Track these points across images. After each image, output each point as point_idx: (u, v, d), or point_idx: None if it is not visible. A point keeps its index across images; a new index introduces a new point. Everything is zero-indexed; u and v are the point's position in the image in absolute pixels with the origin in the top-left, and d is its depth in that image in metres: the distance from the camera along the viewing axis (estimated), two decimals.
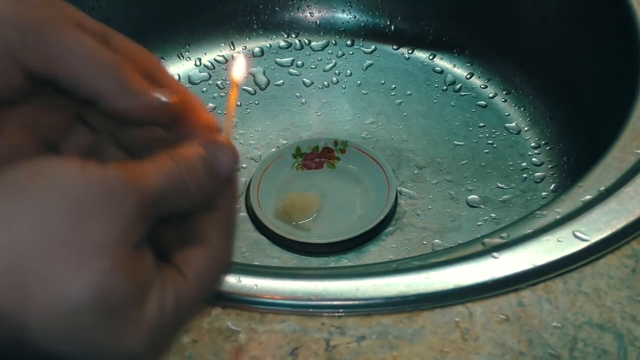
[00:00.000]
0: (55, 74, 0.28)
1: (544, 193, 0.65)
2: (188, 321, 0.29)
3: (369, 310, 0.39)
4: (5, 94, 0.29)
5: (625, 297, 0.40)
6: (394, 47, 0.79)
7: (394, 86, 0.76)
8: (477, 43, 0.76)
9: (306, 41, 0.80)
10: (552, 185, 0.66)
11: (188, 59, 0.77)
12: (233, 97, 0.33)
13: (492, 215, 0.64)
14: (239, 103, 0.74)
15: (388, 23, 0.80)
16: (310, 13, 0.80)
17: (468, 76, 0.76)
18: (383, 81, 0.77)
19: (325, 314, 0.39)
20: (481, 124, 0.72)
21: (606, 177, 0.46)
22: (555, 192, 0.65)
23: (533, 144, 0.70)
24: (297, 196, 0.64)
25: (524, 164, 0.68)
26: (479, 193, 0.66)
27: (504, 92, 0.74)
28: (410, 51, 0.79)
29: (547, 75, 0.71)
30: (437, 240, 0.62)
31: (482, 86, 0.75)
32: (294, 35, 0.80)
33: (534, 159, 0.68)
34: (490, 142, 0.70)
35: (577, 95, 0.67)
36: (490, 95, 0.74)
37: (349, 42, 0.80)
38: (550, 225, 0.43)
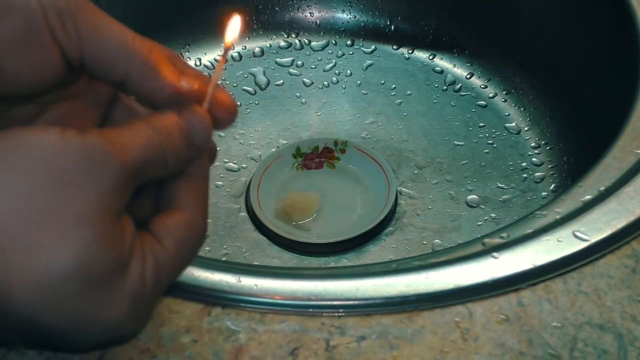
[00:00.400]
0: (88, 56, 0.29)
1: (544, 193, 0.65)
2: (166, 288, 0.30)
3: (369, 310, 0.39)
4: (43, 77, 0.29)
5: (625, 297, 0.40)
6: (394, 47, 0.79)
7: (394, 86, 0.76)
8: (477, 43, 0.76)
9: (306, 41, 0.80)
10: (552, 185, 0.66)
11: (188, 59, 0.77)
12: (222, 61, 0.33)
13: (492, 215, 0.64)
14: (238, 103, 0.74)
15: (388, 23, 0.80)
16: (310, 13, 0.80)
17: (468, 76, 0.76)
18: (383, 81, 0.77)
19: (325, 314, 0.39)
20: (481, 124, 0.72)
21: (606, 177, 0.46)
22: (555, 192, 0.65)
23: (533, 144, 0.70)
24: (297, 196, 0.64)
25: (524, 164, 0.68)
26: (479, 193, 0.66)
27: (504, 92, 0.74)
28: (410, 51, 0.79)
29: (547, 75, 0.71)
30: (437, 240, 0.62)
31: (482, 86, 0.75)
32: (294, 35, 0.80)
33: (534, 159, 0.68)
34: (490, 142, 0.70)
35: (577, 95, 0.67)
36: (490, 95, 0.74)
37: (349, 42, 0.80)
38: (550, 225, 0.43)
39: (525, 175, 0.67)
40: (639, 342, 0.37)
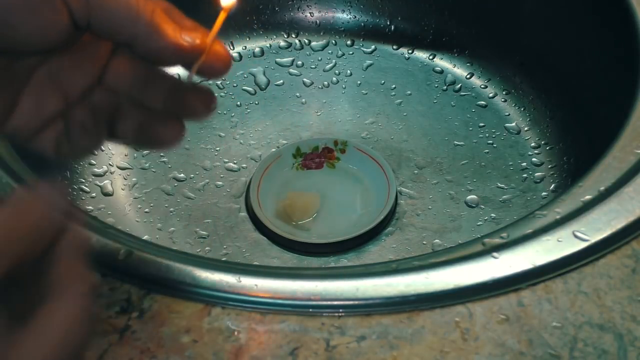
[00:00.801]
0: (95, 19, 0.30)
1: (544, 193, 0.65)
2: None
3: (369, 310, 0.39)
4: (51, 37, 0.30)
5: (625, 297, 0.40)
6: (394, 47, 0.79)
7: (394, 86, 0.76)
8: (477, 43, 0.76)
9: (306, 41, 0.80)
10: (552, 185, 0.66)
11: None
12: (222, 16, 0.35)
13: (492, 215, 0.64)
14: (238, 103, 0.74)
15: (388, 23, 0.80)
16: (310, 13, 0.80)
17: (468, 76, 0.76)
18: (383, 81, 0.77)
19: (325, 314, 0.39)
20: (481, 124, 0.72)
21: (606, 177, 0.46)
22: (555, 192, 0.65)
23: (533, 144, 0.70)
24: (297, 196, 0.64)
25: (524, 164, 0.68)
26: (479, 193, 0.66)
27: (504, 92, 0.74)
28: (410, 51, 0.79)
29: (547, 75, 0.71)
30: (437, 240, 0.62)
31: (482, 86, 0.75)
32: (294, 35, 0.80)
33: (534, 159, 0.68)
34: (490, 142, 0.70)
35: (577, 95, 0.67)
36: (490, 95, 0.74)
37: (349, 42, 0.80)
38: (550, 225, 0.43)
39: (525, 175, 0.67)
40: (639, 342, 0.37)
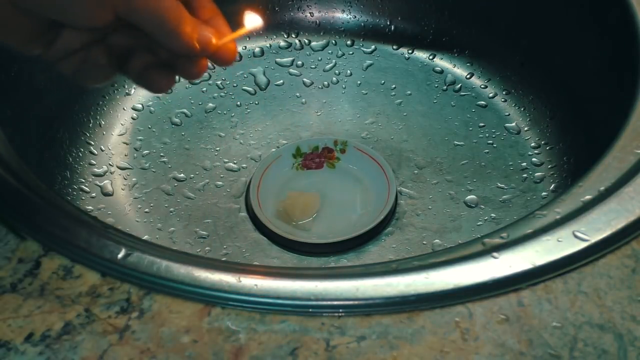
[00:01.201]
0: (132, 20, 0.38)
1: (544, 193, 0.65)
2: None
3: (369, 310, 0.39)
4: (99, 24, 0.38)
5: (625, 297, 0.40)
6: (394, 47, 0.79)
7: (394, 86, 0.76)
8: (477, 43, 0.76)
9: (306, 41, 0.80)
10: (552, 185, 0.66)
11: None
12: (236, 34, 0.44)
13: (492, 215, 0.64)
14: (238, 103, 0.74)
15: (388, 23, 0.80)
16: (310, 13, 0.80)
17: (468, 76, 0.76)
18: (383, 81, 0.77)
19: (325, 314, 0.39)
20: (481, 124, 0.72)
21: (606, 177, 0.46)
22: (555, 192, 0.65)
23: (533, 144, 0.70)
24: (297, 196, 0.64)
25: (524, 164, 0.68)
26: (479, 193, 0.66)
27: (504, 92, 0.74)
28: (410, 51, 0.79)
29: (547, 75, 0.71)
30: (437, 240, 0.62)
31: (482, 86, 0.75)
32: (294, 35, 0.80)
33: (534, 159, 0.68)
34: (490, 142, 0.70)
35: (577, 95, 0.67)
36: (490, 95, 0.74)
37: (349, 42, 0.80)
38: (550, 225, 0.43)
39: (525, 175, 0.67)
40: (639, 342, 0.37)
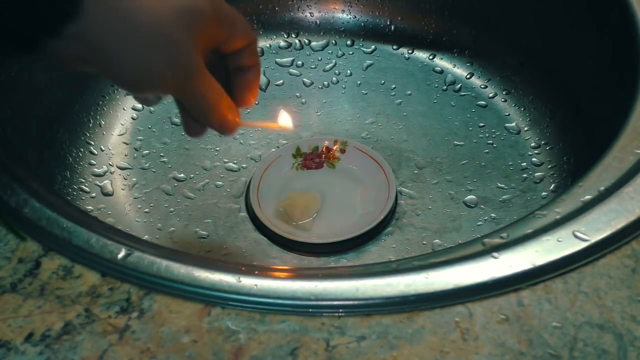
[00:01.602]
0: (178, 97, 0.46)
1: (544, 193, 0.65)
2: None
3: (369, 310, 0.39)
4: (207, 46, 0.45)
5: (625, 297, 0.40)
6: (394, 47, 0.79)
7: (394, 86, 0.76)
8: (477, 43, 0.76)
9: (306, 41, 0.80)
10: (552, 185, 0.66)
11: None
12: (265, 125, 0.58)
13: (492, 215, 0.64)
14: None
15: (388, 23, 0.80)
16: (310, 13, 0.80)
17: (468, 76, 0.76)
18: (383, 81, 0.77)
19: (325, 314, 0.39)
20: (481, 124, 0.72)
21: (606, 177, 0.46)
22: (555, 192, 0.65)
23: (533, 144, 0.70)
24: (297, 196, 0.64)
25: (524, 164, 0.68)
26: (479, 193, 0.66)
27: (504, 92, 0.74)
28: (410, 51, 0.79)
29: (547, 75, 0.71)
30: (437, 240, 0.62)
31: (482, 86, 0.75)
32: (294, 35, 0.80)
33: (534, 159, 0.68)
34: (490, 142, 0.70)
35: (577, 95, 0.67)
36: (490, 95, 0.74)
37: (349, 42, 0.80)
38: (550, 225, 0.43)
39: (525, 175, 0.67)
40: (639, 342, 0.37)
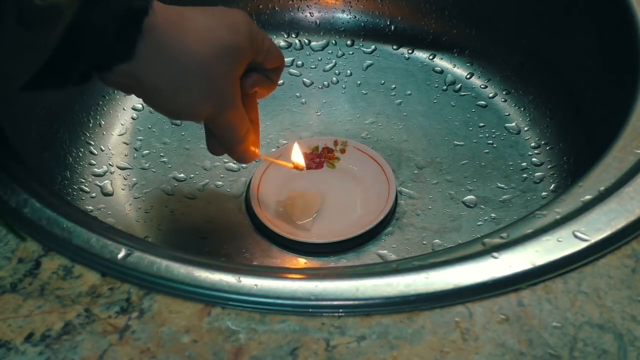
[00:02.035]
0: (210, 125, 0.52)
1: (544, 193, 0.65)
2: None
3: (369, 310, 0.39)
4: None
5: (625, 297, 0.40)
6: (394, 47, 0.79)
7: (394, 86, 0.76)
8: (477, 43, 0.76)
9: (306, 41, 0.80)
10: (552, 185, 0.66)
11: None
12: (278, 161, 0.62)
13: (492, 215, 0.64)
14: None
15: (388, 23, 0.80)
16: (310, 13, 0.80)
17: (468, 76, 0.76)
18: (383, 81, 0.77)
19: (325, 314, 0.39)
20: (481, 124, 0.72)
21: (606, 177, 0.46)
22: (555, 192, 0.65)
23: (533, 144, 0.70)
24: (297, 196, 0.64)
25: (524, 164, 0.68)
26: (479, 193, 0.66)
27: (504, 92, 0.74)
28: (410, 51, 0.79)
29: (547, 75, 0.71)
30: (437, 240, 0.62)
31: (482, 86, 0.75)
32: (294, 35, 0.80)
33: (534, 159, 0.68)
34: (490, 142, 0.70)
35: (577, 95, 0.67)
36: (490, 95, 0.74)
37: (349, 42, 0.80)
38: (550, 225, 0.43)
39: (525, 175, 0.67)
40: (639, 342, 0.37)
